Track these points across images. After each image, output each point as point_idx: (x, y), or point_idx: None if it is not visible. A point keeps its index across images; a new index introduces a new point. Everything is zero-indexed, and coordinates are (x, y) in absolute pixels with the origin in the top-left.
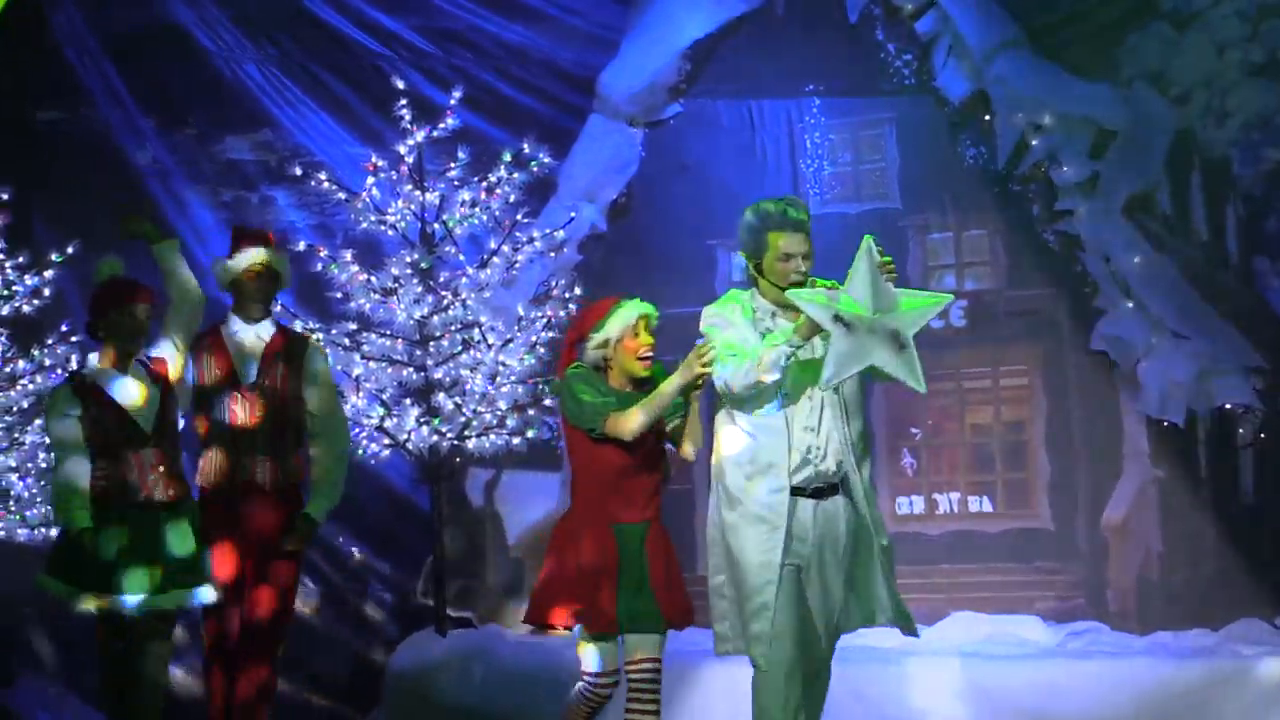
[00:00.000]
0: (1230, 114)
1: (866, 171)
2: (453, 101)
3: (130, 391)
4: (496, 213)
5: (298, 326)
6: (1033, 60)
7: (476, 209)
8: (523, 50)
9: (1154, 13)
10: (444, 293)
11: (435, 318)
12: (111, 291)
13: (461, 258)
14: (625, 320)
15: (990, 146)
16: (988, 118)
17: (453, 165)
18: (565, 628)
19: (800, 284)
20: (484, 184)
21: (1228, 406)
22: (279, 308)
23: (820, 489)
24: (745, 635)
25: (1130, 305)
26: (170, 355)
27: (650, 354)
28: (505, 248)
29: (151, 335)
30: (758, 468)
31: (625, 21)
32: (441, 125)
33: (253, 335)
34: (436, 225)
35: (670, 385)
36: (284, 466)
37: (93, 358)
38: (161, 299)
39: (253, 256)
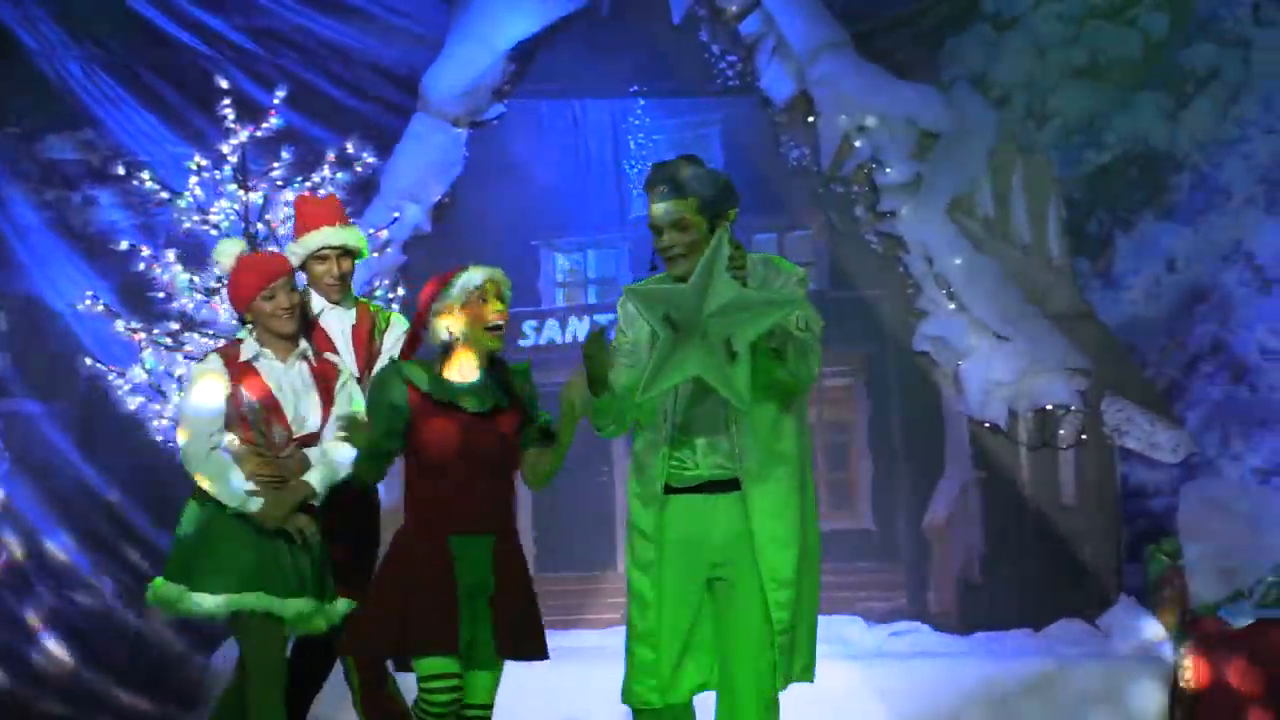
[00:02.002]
0: (1051, 116)
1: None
2: (276, 101)
3: None
4: None
5: (119, 326)
6: (856, 62)
7: None
8: (347, 50)
9: (976, 15)
10: None
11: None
12: None
13: None
14: (468, 285)
15: (814, 148)
16: (811, 119)
17: (276, 165)
18: (397, 663)
19: (678, 257)
20: (307, 184)
21: (1049, 407)
22: (101, 307)
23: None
24: None
25: (952, 306)
26: None
27: (501, 323)
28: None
29: None
30: None
31: (449, 21)
32: (265, 125)
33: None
34: (260, 225)
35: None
36: None
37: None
38: None
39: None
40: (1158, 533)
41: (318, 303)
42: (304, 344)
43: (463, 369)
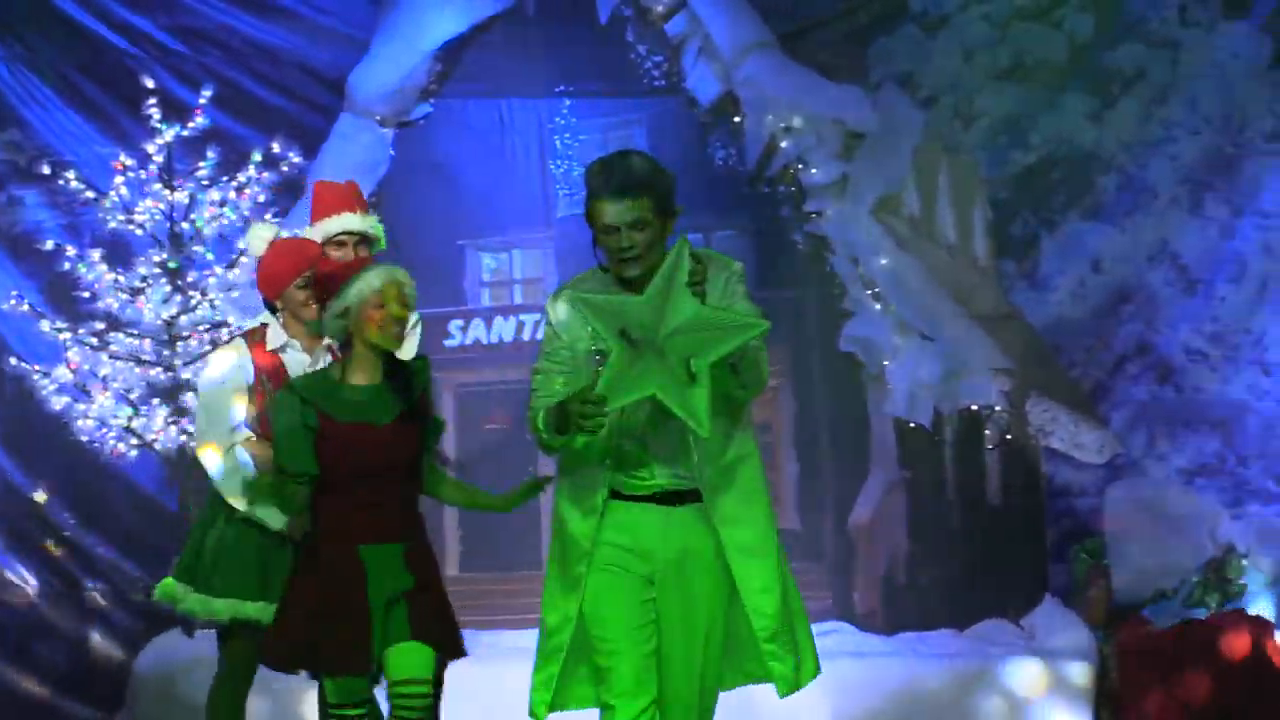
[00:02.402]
0: (977, 117)
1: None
2: (202, 100)
3: None
4: (246, 212)
5: (44, 326)
6: (782, 62)
7: (225, 208)
8: (273, 49)
9: (903, 16)
10: (192, 293)
11: (183, 318)
12: None
13: (210, 257)
14: (368, 286)
15: (740, 148)
16: (738, 119)
17: (202, 164)
18: (309, 674)
19: (633, 259)
20: (233, 183)
21: (974, 407)
22: (26, 307)
23: None
24: None
25: (878, 307)
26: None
27: (400, 328)
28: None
29: None
30: None
31: (376, 21)
32: (191, 124)
33: None
34: (185, 225)
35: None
36: None
37: None
38: None
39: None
40: (1083, 533)
41: None
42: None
43: (363, 372)
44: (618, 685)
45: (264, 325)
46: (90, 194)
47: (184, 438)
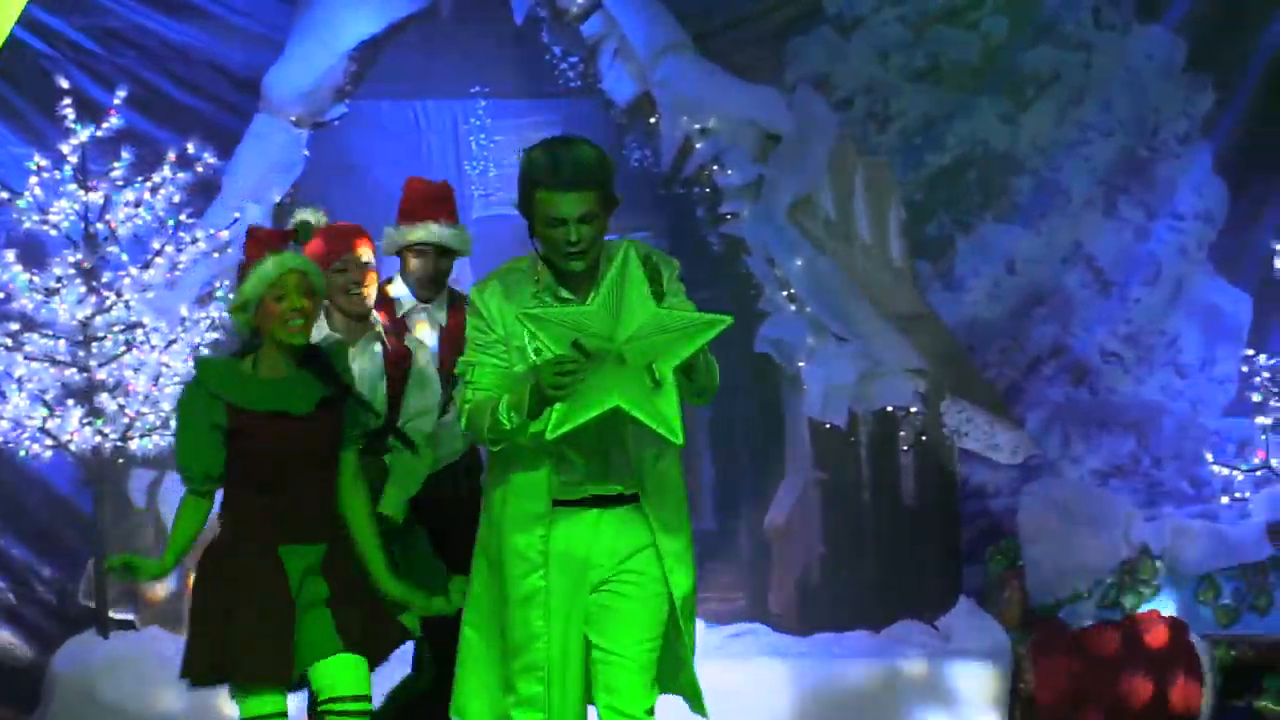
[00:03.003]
0: (892, 118)
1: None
2: (117, 101)
3: None
4: (160, 213)
5: None
6: (698, 63)
7: (140, 209)
8: (187, 49)
9: (819, 18)
10: (107, 293)
11: (98, 318)
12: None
13: (125, 258)
14: (265, 277)
15: (655, 149)
16: (653, 120)
17: (116, 165)
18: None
19: (580, 254)
20: (148, 184)
21: (889, 409)
22: None
23: None
24: None
25: (793, 308)
26: None
27: (305, 320)
28: (169, 248)
29: None
30: None
31: (291, 21)
32: (105, 125)
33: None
34: (100, 225)
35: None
36: None
37: None
38: None
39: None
40: (997, 534)
41: (406, 300)
42: (377, 324)
43: (273, 366)
44: (549, 707)
45: None
46: (4, 194)
47: (99, 438)
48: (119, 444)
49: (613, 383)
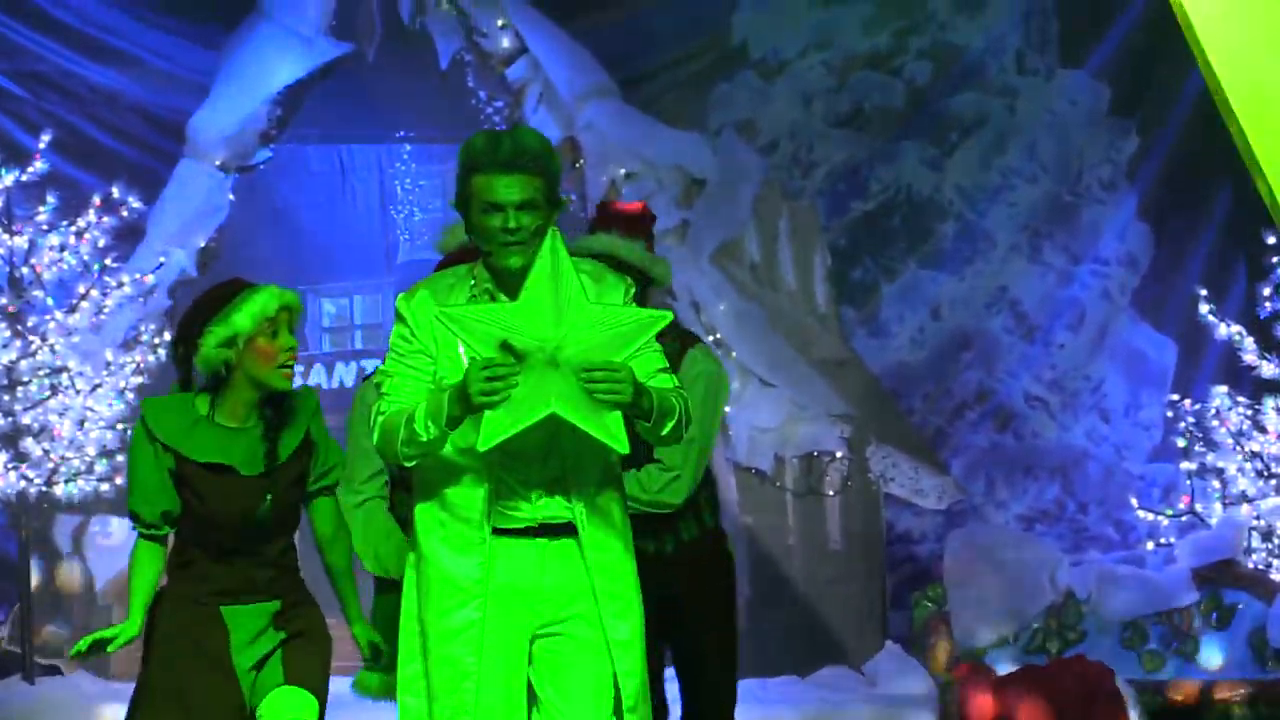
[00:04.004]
0: (817, 163)
1: (456, 217)
2: (42, 145)
3: None
4: (85, 257)
5: None
6: (623, 108)
7: (65, 253)
8: (113, 94)
9: (743, 62)
10: (32, 337)
11: (23, 362)
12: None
13: (50, 302)
14: (262, 311)
15: (581, 194)
16: (578, 165)
17: (41, 209)
18: None
19: (518, 245)
20: (73, 228)
21: (814, 453)
22: None
23: None
24: None
25: (718, 352)
26: None
27: (293, 362)
28: (94, 292)
29: None
30: None
31: (216, 66)
32: (30, 169)
33: None
34: (25, 269)
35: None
36: None
37: None
38: None
39: None
40: (923, 579)
41: None
42: None
43: (235, 413)
44: None
45: None
46: None
47: (24, 483)
48: (44, 489)
49: (548, 386)
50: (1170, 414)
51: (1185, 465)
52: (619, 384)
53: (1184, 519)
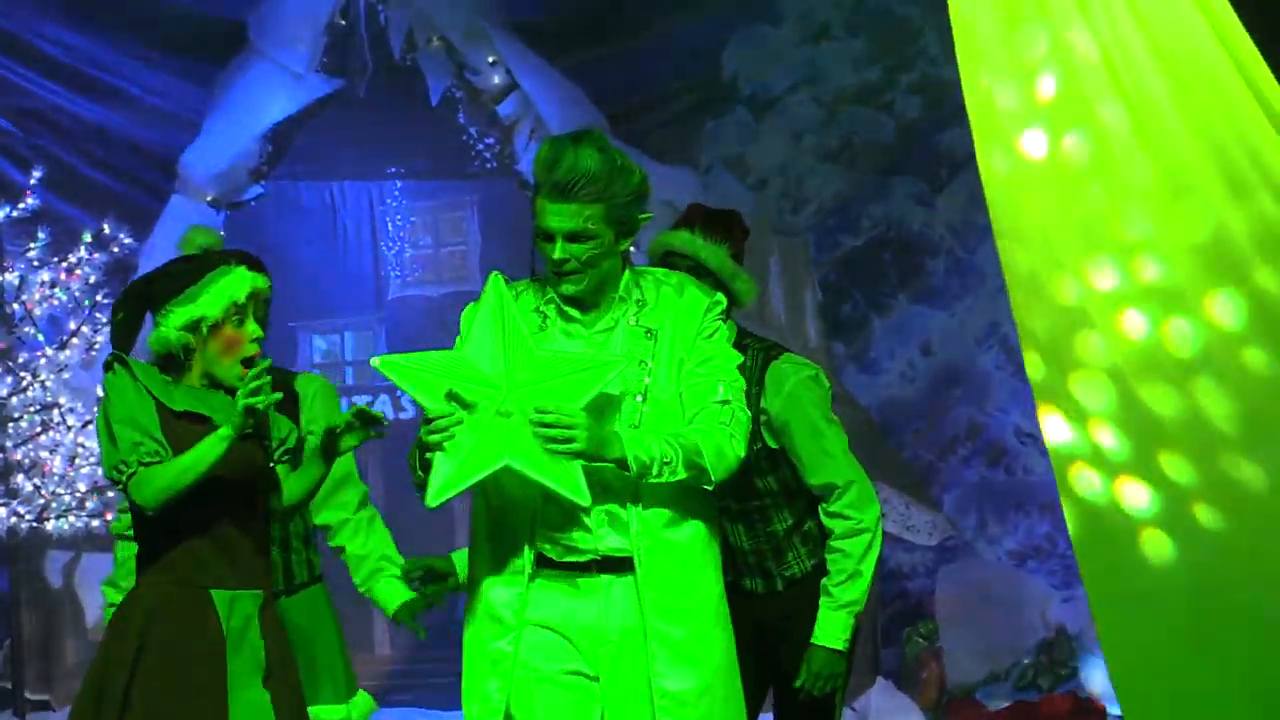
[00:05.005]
0: (807, 199)
1: (447, 254)
2: (33, 181)
3: None
4: (77, 293)
5: None
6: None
7: (56, 289)
8: (104, 130)
9: (733, 99)
10: (23, 374)
11: (14, 399)
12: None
13: (41, 338)
14: (231, 295)
15: None
16: None
17: (32, 245)
18: None
19: (569, 275)
20: (64, 264)
21: None
22: None
23: None
24: None
25: None
26: None
27: (256, 353)
28: (85, 329)
29: None
30: None
31: (207, 102)
32: (21, 205)
33: None
34: (16, 305)
35: (213, 440)
36: None
37: None
38: None
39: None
40: (914, 615)
41: None
42: None
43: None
44: None
45: None
46: None
47: (14, 519)
48: (35, 524)
49: (501, 437)
50: None
51: None
52: (571, 432)
53: None
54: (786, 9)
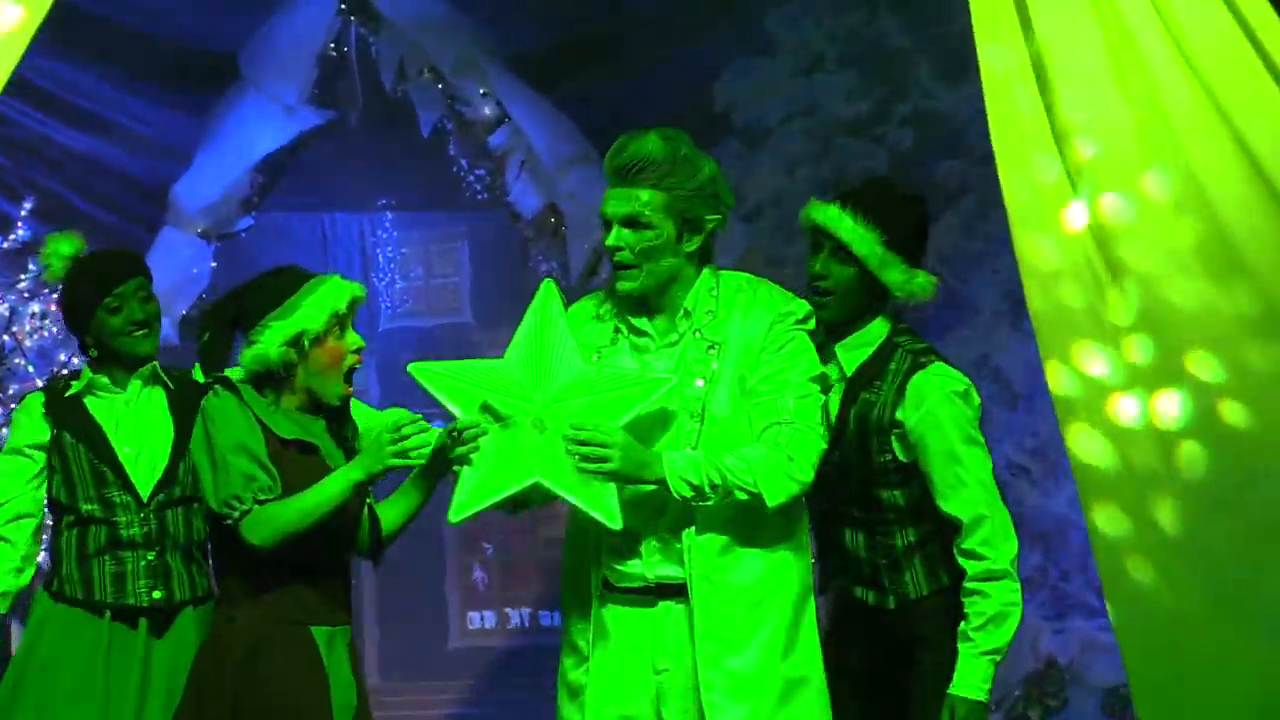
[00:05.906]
0: (800, 231)
1: (438, 286)
2: (23, 212)
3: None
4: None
5: None
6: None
7: (46, 321)
8: (94, 161)
9: (725, 130)
10: (13, 406)
11: (4, 430)
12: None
13: (31, 370)
14: (332, 305)
15: (563, 261)
16: (560, 232)
17: (23, 277)
18: None
19: (623, 268)
20: (54, 295)
21: None
22: None
23: None
24: None
25: None
26: None
27: (359, 365)
28: (75, 360)
29: None
30: None
31: (198, 133)
32: (12, 237)
33: None
34: (6, 337)
35: (341, 482)
36: None
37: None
38: None
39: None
40: None
41: None
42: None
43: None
44: None
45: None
46: None
47: None
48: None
49: (533, 453)
50: None
51: None
52: (606, 451)
53: None
54: (780, 41)
